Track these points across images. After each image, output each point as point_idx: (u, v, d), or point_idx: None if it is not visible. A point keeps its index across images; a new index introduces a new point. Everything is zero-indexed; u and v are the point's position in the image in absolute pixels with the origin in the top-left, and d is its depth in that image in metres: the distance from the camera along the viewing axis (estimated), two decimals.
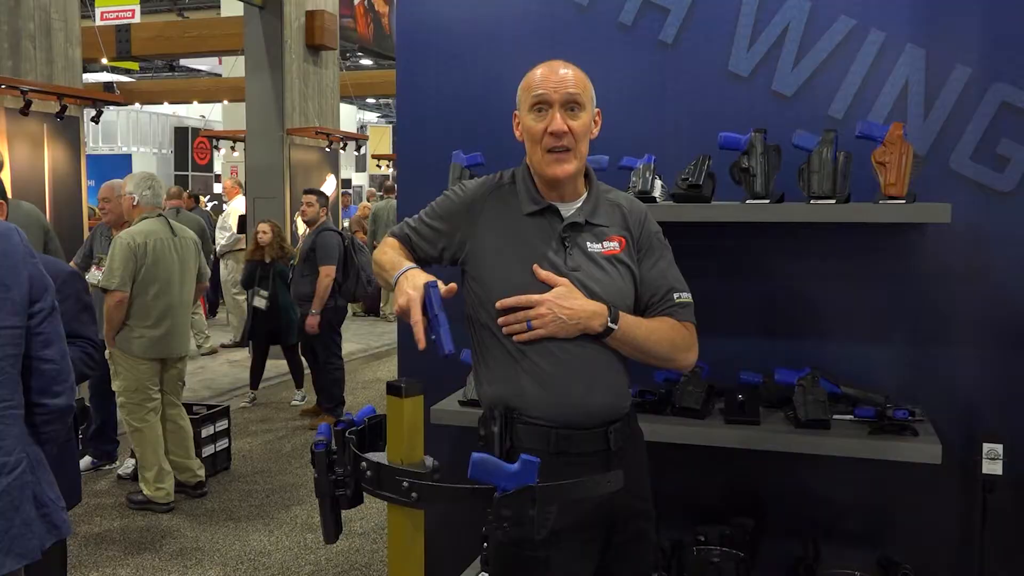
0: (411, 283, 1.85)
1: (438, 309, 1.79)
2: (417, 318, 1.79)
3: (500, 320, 1.91)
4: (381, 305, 11.60)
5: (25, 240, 1.98)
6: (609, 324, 1.91)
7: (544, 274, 1.91)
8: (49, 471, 2.02)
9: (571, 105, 1.92)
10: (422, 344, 1.77)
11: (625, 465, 1.88)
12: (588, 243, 1.98)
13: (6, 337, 1.89)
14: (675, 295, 2.03)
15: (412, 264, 1.95)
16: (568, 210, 2.00)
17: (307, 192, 6.60)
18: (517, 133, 2.02)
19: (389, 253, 2.05)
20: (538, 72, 1.95)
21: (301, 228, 8.04)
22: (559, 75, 1.93)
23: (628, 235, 2.02)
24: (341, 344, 6.58)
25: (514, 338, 1.91)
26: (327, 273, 6.15)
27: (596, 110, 2.01)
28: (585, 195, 2.03)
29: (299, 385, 7.12)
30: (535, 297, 1.89)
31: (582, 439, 1.94)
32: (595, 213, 2.01)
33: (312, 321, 6.18)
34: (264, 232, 6.73)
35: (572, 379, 1.93)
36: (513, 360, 1.94)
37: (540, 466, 1.62)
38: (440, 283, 1.83)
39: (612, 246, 2.00)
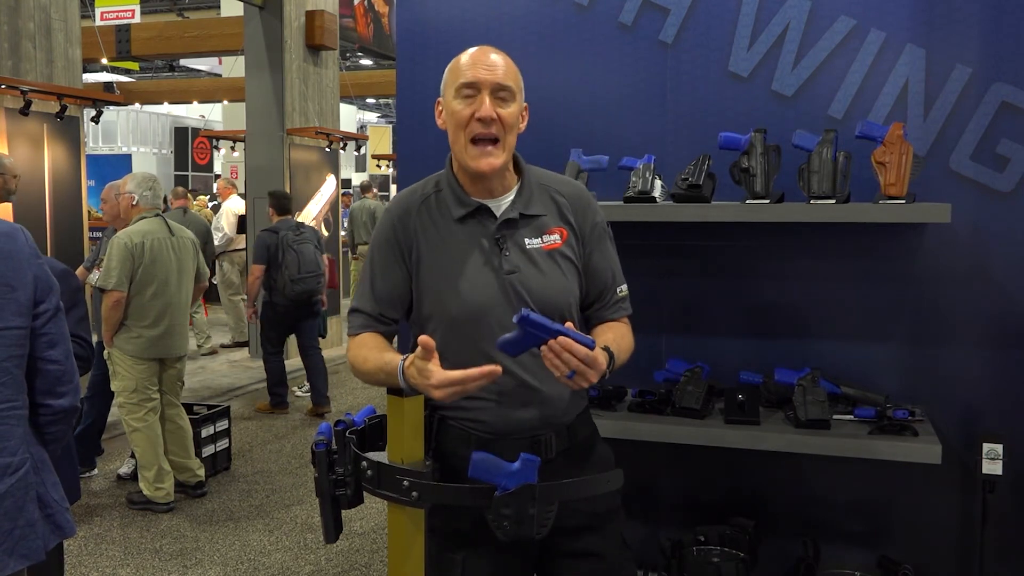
0: (421, 377, 1.69)
1: (548, 323, 1.63)
2: (475, 381, 1.65)
3: (547, 354, 1.66)
4: None
5: (30, 240, 1.98)
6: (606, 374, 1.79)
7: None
8: (53, 472, 2.02)
9: (501, 93, 1.81)
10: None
11: (559, 478, 1.79)
12: (527, 239, 1.87)
13: (11, 338, 1.89)
14: (618, 289, 1.98)
15: (397, 358, 1.78)
16: (500, 206, 1.89)
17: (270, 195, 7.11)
18: (439, 121, 1.91)
19: (368, 357, 1.87)
20: (467, 56, 1.85)
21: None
22: (490, 60, 1.83)
23: (569, 227, 1.91)
24: (278, 341, 6.83)
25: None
26: (251, 271, 6.65)
27: (524, 104, 1.90)
28: (517, 187, 1.91)
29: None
30: (595, 360, 1.69)
31: (504, 446, 1.82)
32: (529, 204, 1.89)
33: (247, 312, 6.98)
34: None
35: (501, 386, 1.81)
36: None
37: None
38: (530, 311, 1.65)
39: (553, 239, 1.89)
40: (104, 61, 13.50)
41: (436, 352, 1.68)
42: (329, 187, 9.84)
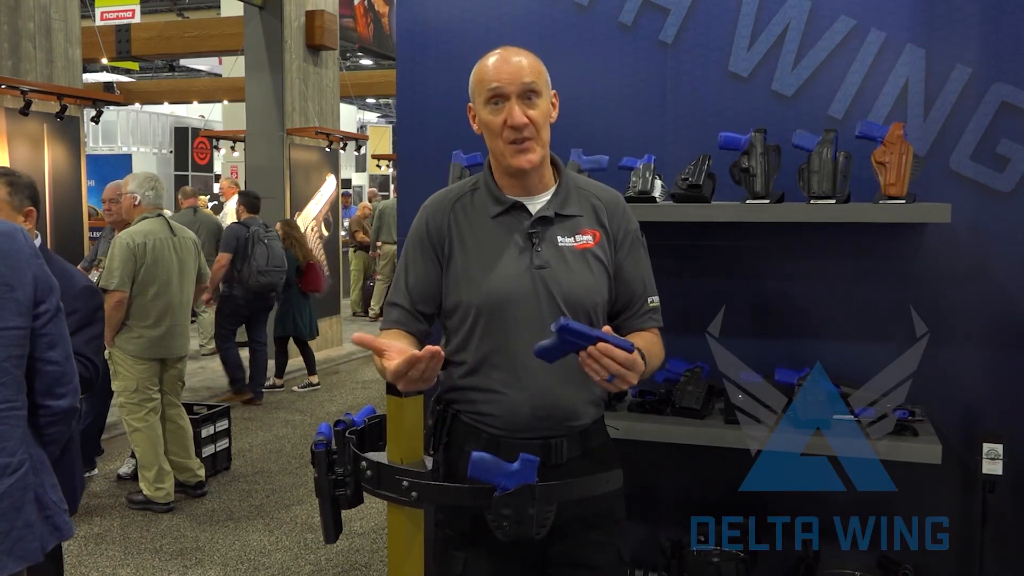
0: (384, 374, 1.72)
1: (587, 330, 1.63)
2: (420, 361, 1.63)
3: (586, 360, 1.65)
4: (372, 304, 11.68)
5: (30, 240, 1.98)
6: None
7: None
8: (52, 473, 2.02)
9: (528, 95, 1.83)
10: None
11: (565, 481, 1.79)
12: (559, 236, 1.89)
13: (10, 338, 1.89)
14: (649, 300, 1.98)
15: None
16: (536, 204, 1.91)
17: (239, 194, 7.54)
18: (474, 126, 1.92)
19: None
20: (490, 62, 1.86)
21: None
22: (512, 64, 1.84)
23: (603, 230, 1.93)
24: (232, 333, 7.08)
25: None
26: (218, 259, 6.80)
27: (553, 92, 1.91)
28: (555, 187, 1.94)
29: (309, 372, 7.78)
30: (634, 363, 1.68)
31: (516, 446, 1.82)
32: (566, 204, 1.92)
33: (204, 297, 7.20)
34: (276, 230, 7.31)
35: (519, 387, 1.83)
36: (473, 358, 1.86)
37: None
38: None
39: (585, 239, 1.91)
40: (104, 61, 13.50)
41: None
42: (329, 187, 9.84)
